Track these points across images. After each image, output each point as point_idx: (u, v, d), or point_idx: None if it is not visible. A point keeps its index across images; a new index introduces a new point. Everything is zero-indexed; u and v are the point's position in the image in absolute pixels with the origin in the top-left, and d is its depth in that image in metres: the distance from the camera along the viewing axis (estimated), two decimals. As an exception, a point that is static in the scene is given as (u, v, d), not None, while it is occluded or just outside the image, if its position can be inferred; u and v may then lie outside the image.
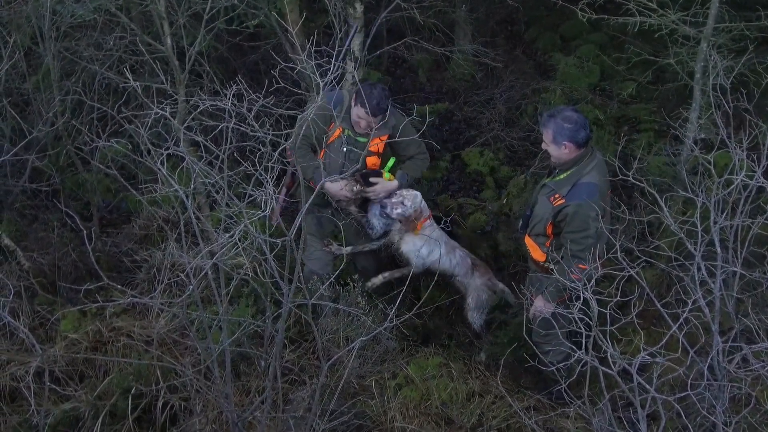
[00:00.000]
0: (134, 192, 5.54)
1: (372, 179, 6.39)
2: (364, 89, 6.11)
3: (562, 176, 5.67)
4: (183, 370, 5.47)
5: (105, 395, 5.88)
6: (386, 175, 6.46)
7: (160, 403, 5.79)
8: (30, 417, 5.55)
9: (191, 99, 6.31)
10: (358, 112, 6.19)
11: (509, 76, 9.68)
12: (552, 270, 5.35)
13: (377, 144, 6.37)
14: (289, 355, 6.23)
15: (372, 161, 6.42)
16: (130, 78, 5.19)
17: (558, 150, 5.62)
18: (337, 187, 6.33)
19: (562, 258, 5.51)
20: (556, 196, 5.62)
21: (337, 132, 6.29)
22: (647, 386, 4.24)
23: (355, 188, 6.33)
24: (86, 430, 5.73)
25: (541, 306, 5.79)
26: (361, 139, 6.30)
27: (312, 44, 5.27)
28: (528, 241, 5.94)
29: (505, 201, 7.99)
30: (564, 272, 5.27)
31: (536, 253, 5.88)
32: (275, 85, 5.34)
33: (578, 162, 5.62)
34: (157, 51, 6.78)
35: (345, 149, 6.34)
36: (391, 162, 6.54)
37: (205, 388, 5.48)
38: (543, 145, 5.75)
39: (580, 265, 5.40)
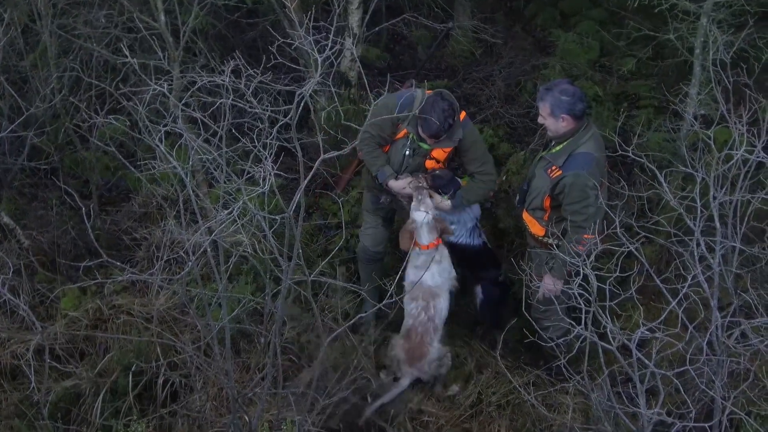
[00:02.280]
0: (133, 170, 5.53)
1: (430, 195, 6.25)
2: (425, 109, 5.85)
3: (558, 148, 5.67)
4: (183, 347, 5.48)
5: (105, 372, 5.91)
6: (465, 178, 6.34)
7: (160, 380, 5.82)
8: (31, 394, 5.57)
9: (187, 75, 6.29)
10: (422, 132, 6.00)
11: (509, 52, 9.64)
12: (551, 245, 5.35)
13: (440, 153, 6.21)
14: (288, 332, 6.24)
15: (431, 165, 6.27)
16: (128, 55, 5.16)
17: (556, 123, 5.61)
18: (401, 184, 6.21)
19: (563, 233, 5.51)
20: (553, 168, 5.62)
21: (403, 132, 6.15)
22: (646, 361, 4.26)
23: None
24: (87, 408, 5.76)
25: (550, 284, 5.78)
26: (424, 146, 6.15)
27: (310, 20, 5.23)
28: (526, 216, 5.93)
29: (504, 178, 7.95)
30: (572, 243, 5.27)
31: (535, 227, 5.87)
32: (273, 61, 5.31)
33: (574, 133, 5.61)
34: (154, 28, 6.74)
35: (407, 152, 6.21)
36: (466, 177, 6.40)
37: (205, 365, 5.49)
38: (540, 119, 5.73)
39: (585, 236, 5.39)
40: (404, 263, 5.87)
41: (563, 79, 5.80)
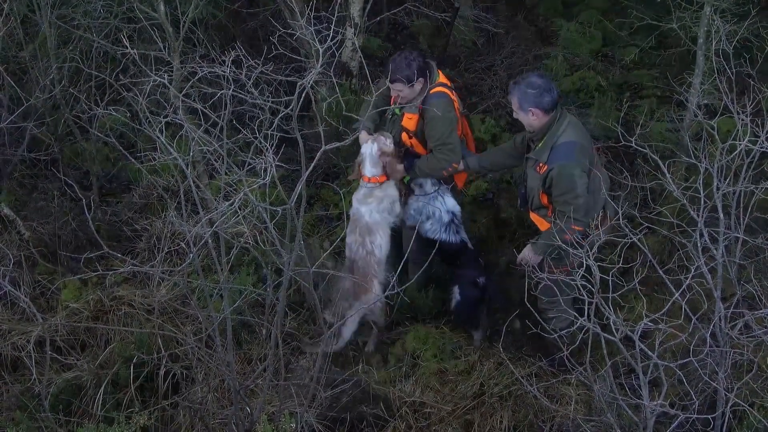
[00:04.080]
0: (133, 161, 5.51)
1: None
2: (394, 55, 6.05)
3: (539, 145, 5.69)
4: (184, 338, 5.49)
5: (107, 364, 5.90)
6: None
7: (162, 372, 5.81)
8: (32, 386, 5.57)
9: (187, 66, 6.26)
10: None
11: (511, 42, 9.59)
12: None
13: (409, 120, 6.21)
14: (290, 324, 6.24)
15: (404, 137, 6.28)
16: (128, 45, 5.13)
17: (526, 117, 5.63)
18: (364, 138, 6.24)
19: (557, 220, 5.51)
20: (540, 164, 5.63)
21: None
22: (649, 353, 4.25)
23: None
24: (89, 399, 5.75)
25: (528, 255, 5.83)
26: (396, 110, 6.23)
27: (311, 10, 5.21)
28: (533, 216, 5.95)
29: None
30: (559, 231, 5.28)
31: (542, 225, 5.88)
32: (274, 52, 5.29)
33: (550, 127, 5.61)
34: (154, 18, 6.71)
35: (390, 114, 6.31)
36: None
37: (206, 357, 5.49)
38: (514, 114, 5.76)
39: (573, 227, 5.38)
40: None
41: (533, 72, 5.80)
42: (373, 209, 6.16)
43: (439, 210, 6.37)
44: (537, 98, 5.54)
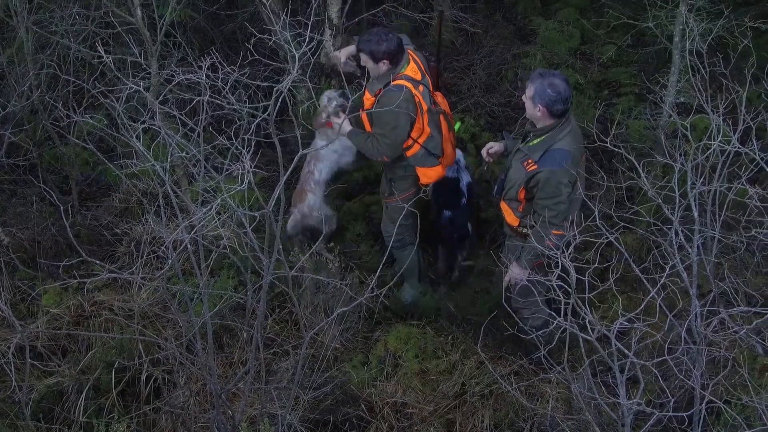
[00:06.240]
0: (112, 166, 5.51)
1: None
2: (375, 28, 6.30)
3: (535, 141, 5.65)
4: (165, 343, 5.48)
5: (88, 370, 5.88)
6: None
7: (143, 377, 5.82)
8: (12, 393, 5.54)
9: (164, 71, 6.26)
10: None
11: (489, 41, 9.62)
12: (527, 235, 5.36)
13: (367, 100, 6.30)
14: (271, 327, 6.24)
15: (363, 113, 6.34)
16: (102, 52, 5.12)
17: (532, 109, 5.58)
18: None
19: (536, 224, 5.52)
20: (529, 161, 5.61)
21: None
22: (626, 351, 4.27)
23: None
24: (70, 405, 5.74)
25: (517, 272, 5.81)
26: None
27: (287, 15, 5.22)
28: (503, 205, 5.93)
29: (486, 167, 7.96)
30: (540, 238, 5.28)
31: (510, 217, 5.88)
32: (251, 57, 5.29)
33: (552, 128, 5.60)
34: (130, 23, 6.70)
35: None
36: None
37: (188, 361, 5.48)
38: (523, 97, 5.69)
39: (555, 231, 5.41)
40: None
41: (560, 73, 5.75)
42: (319, 144, 6.63)
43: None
44: (552, 101, 5.48)
